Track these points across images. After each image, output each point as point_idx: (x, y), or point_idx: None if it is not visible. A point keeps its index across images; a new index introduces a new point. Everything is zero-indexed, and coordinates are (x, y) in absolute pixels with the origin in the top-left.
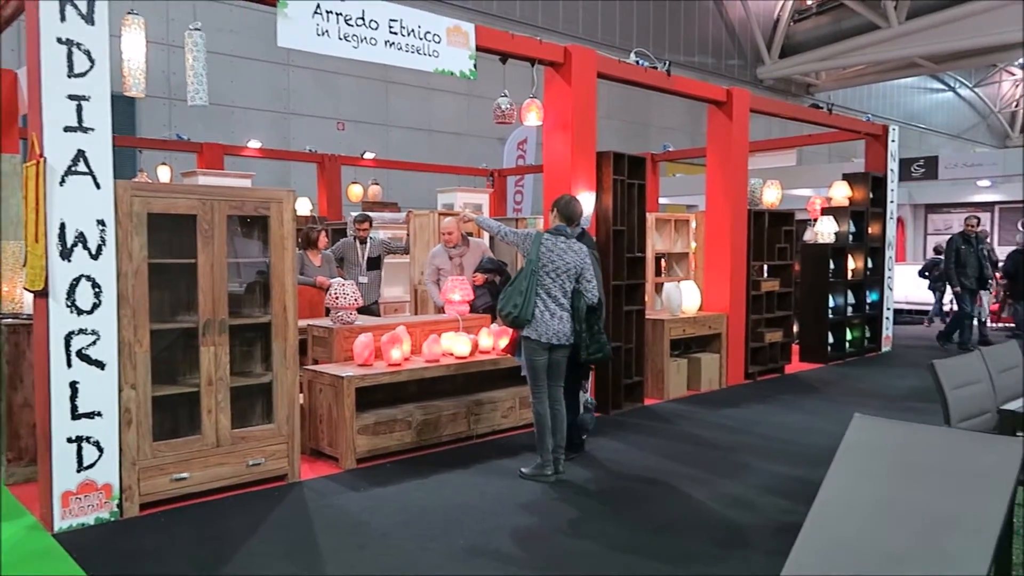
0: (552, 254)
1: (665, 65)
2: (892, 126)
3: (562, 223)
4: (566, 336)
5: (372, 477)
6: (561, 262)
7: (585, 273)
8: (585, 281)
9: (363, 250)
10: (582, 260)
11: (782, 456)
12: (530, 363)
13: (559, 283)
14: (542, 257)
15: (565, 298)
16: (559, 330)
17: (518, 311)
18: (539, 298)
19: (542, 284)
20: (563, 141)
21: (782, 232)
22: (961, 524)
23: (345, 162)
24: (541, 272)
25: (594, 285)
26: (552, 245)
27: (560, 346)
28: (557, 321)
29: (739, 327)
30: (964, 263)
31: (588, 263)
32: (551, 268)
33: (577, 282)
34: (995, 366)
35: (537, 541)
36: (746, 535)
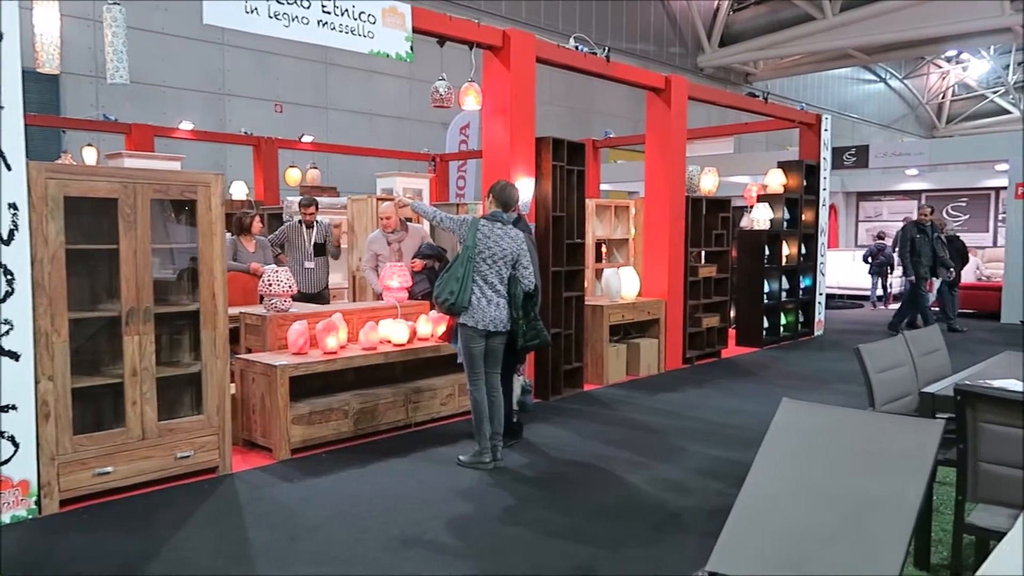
0: (489, 240)
1: (604, 51)
2: (825, 115)
3: (498, 209)
4: (503, 323)
5: (307, 468)
6: (498, 248)
7: (522, 259)
8: (522, 268)
9: (309, 235)
10: (519, 246)
11: (717, 439)
12: (467, 350)
13: (496, 269)
14: (479, 243)
15: (502, 284)
16: (496, 317)
17: (455, 298)
18: (476, 285)
19: (479, 271)
20: (502, 126)
21: (719, 218)
22: (882, 504)
23: (282, 145)
24: (478, 259)
25: (531, 271)
26: (489, 231)
27: (497, 333)
28: (494, 308)
29: (677, 312)
30: (919, 251)
31: (525, 249)
32: (488, 255)
33: (514, 268)
34: (918, 350)
35: (472, 529)
36: (681, 518)
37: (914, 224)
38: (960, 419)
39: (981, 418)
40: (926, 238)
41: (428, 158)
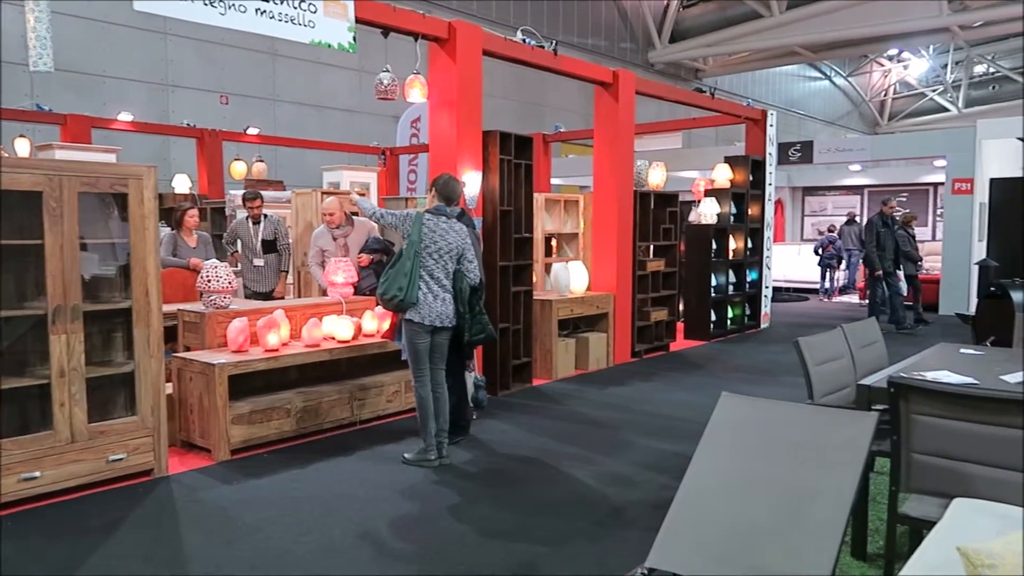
0: (434, 235)
1: (552, 45)
2: (770, 111)
3: (442, 203)
4: (449, 318)
5: (247, 469)
6: (444, 243)
7: (467, 254)
8: (467, 262)
9: (256, 230)
10: (463, 240)
11: (663, 432)
12: (412, 346)
13: (442, 264)
14: (424, 238)
15: (447, 279)
16: (442, 312)
17: (403, 294)
18: (422, 280)
19: (424, 266)
20: (448, 119)
21: (667, 213)
22: (818, 496)
23: (227, 137)
24: (424, 253)
25: (475, 266)
26: (434, 226)
27: (443, 328)
28: (440, 303)
29: (626, 306)
30: (883, 246)
31: (469, 243)
32: (433, 249)
33: (459, 263)
34: (856, 342)
35: (415, 528)
36: (625, 512)
37: (879, 217)
38: (893, 411)
39: (913, 410)
40: (889, 232)
41: (378, 152)
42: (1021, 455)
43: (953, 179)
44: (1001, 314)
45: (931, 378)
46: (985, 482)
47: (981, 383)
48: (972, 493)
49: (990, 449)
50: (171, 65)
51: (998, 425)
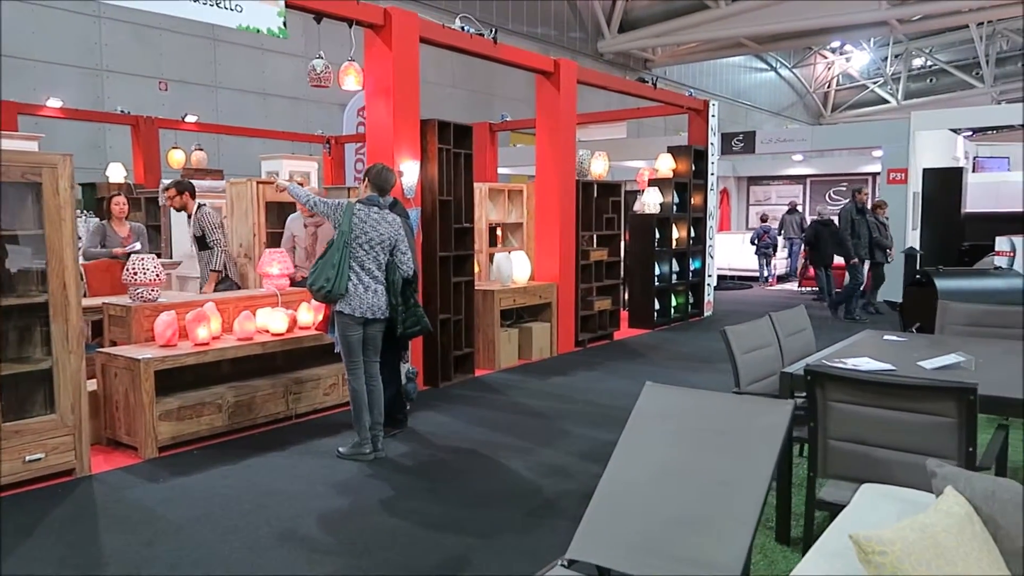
0: (366, 225)
1: (491, 33)
2: (712, 101)
3: (374, 193)
4: (381, 310)
5: (175, 466)
6: (375, 233)
7: (400, 245)
8: (400, 253)
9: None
10: (396, 231)
11: (602, 421)
12: (344, 339)
13: (373, 255)
14: (355, 228)
15: (380, 271)
16: (374, 304)
17: (331, 285)
18: (353, 272)
19: (355, 257)
20: (384, 107)
21: (610, 202)
22: (736, 483)
23: (164, 125)
24: (354, 244)
25: (409, 257)
26: (365, 216)
27: (375, 320)
28: (372, 295)
29: (569, 296)
30: (858, 233)
31: (403, 234)
32: (365, 240)
33: (391, 254)
34: (784, 330)
35: (346, 523)
36: (559, 503)
37: (853, 205)
38: (810, 398)
39: (829, 397)
40: (863, 220)
41: (322, 140)
42: (928, 439)
43: (888, 169)
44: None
45: (851, 365)
46: (896, 467)
47: (899, 369)
48: (885, 478)
49: (900, 434)
50: (106, 49)
51: (906, 411)
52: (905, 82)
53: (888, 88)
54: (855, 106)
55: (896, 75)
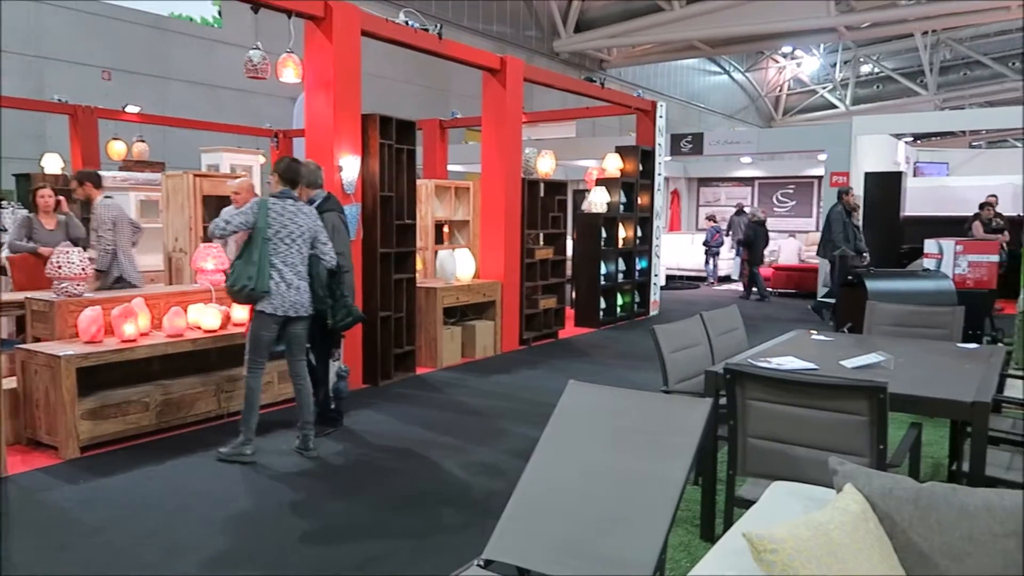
0: (283, 219)
1: (436, 28)
2: (660, 102)
3: (286, 187)
4: (304, 307)
5: (97, 467)
6: (294, 226)
7: (319, 236)
8: (320, 244)
9: None
10: (314, 223)
11: (540, 420)
12: (256, 336)
13: (296, 249)
14: (272, 223)
15: (303, 266)
16: (297, 301)
17: (253, 283)
18: (274, 269)
19: (277, 252)
20: (325, 101)
21: (556, 201)
22: (653, 481)
23: (104, 115)
24: (275, 239)
25: (330, 247)
26: (281, 210)
27: (298, 318)
28: (295, 292)
29: (514, 294)
30: (847, 237)
31: (321, 226)
32: (285, 234)
33: (312, 247)
34: (715, 330)
35: (270, 524)
36: (490, 502)
37: (842, 207)
38: (730, 396)
39: (748, 395)
40: (850, 221)
41: (270, 134)
42: (842, 437)
43: (832, 172)
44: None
45: (775, 364)
46: (812, 465)
47: (821, 368)
48: (800, 476)
49: (815, 432)
50: (46, 36)
51: (821, 409)
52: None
53: (837, 93)
54: (805, 110)
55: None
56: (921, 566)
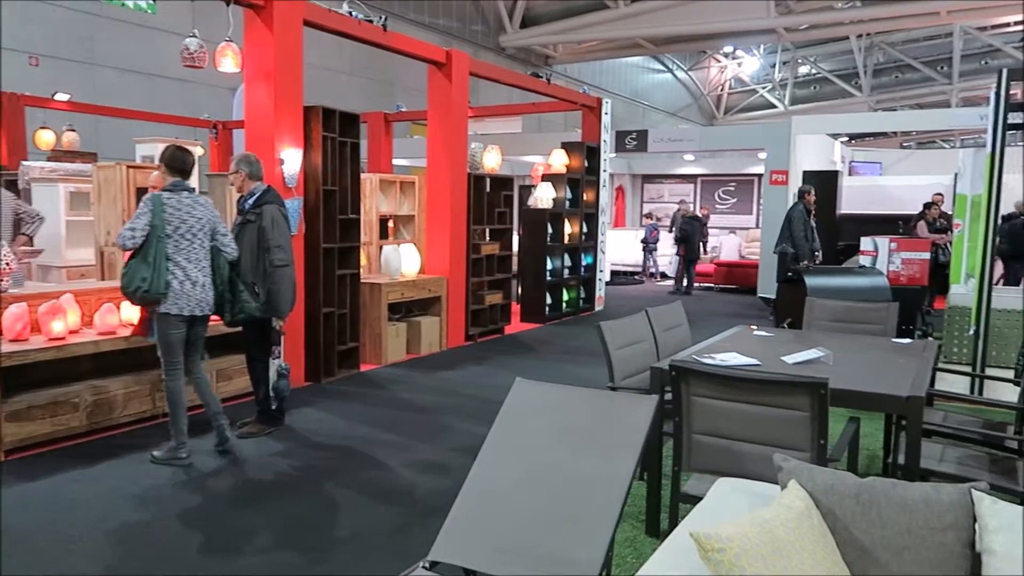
0: (181, 213)
1: (381, 20)
2: (605, 99)
3: (177, 178)
4: (209, 305)
5: (22, 471)
6: (194, 220)
7: (219, 228)
8: (220, 236)
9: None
10: (212, 214)
11: (486, 416)
12: (167, 339)
13: (198, 244)
14: (170, 220)
15: (207, 260)
16: (202, 299)
17: (148, 285)
18: (178, 267)
19: (179, 250)
20: (265, 92)
21: (502, 196)
22: (600, 479)
23: (31, 103)
24: (176, 236)
25: (231, 239)
26: (177, 203)
27: (202, 317)
28: (200, 290)
29: (459, 290)
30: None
31: (219, 217)
32: (185, 230)
33: (212, 239)
34: (659, 326)
35: (205, 526)
36: (436, 501)
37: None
38: (675, 393)
39: (693, 392)
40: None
41: (209, 124)
42: (784, 433)
43: (771, 171)
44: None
45: (719, 360)
46: (755, 460)
47: (763, 364)
48: (744, 472)
49: (758, 428)
50: None
51: (764, 405)
52: (792, 88)
53: (776, 93)
54: (746, 109)
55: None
56: (863, 561)
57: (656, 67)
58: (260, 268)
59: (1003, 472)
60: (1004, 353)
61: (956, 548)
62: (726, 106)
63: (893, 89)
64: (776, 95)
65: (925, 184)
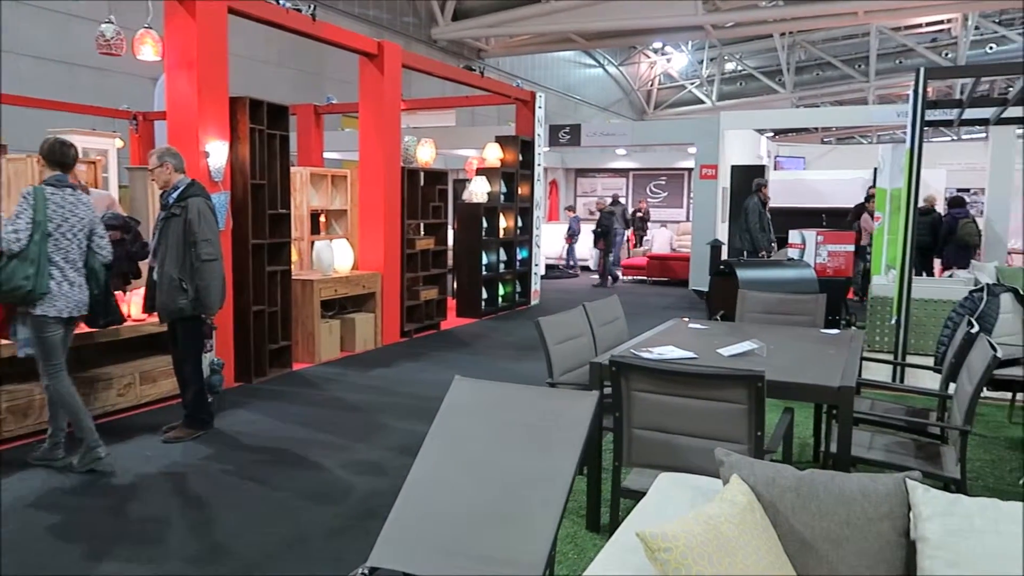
0: (63, 211)
1: (310, 9)
2: (539, 93)
3: (56, 172)
4: (85, 305)
5: None
6: (75, 219)
7: (97, 229)
8: (97, 237)
9: None
10: (92, 214)
11: (422, 414)
12: (45, 341)
13: (76, 243)
14: (53, 217)
15: (82, 261)
16: (80, 300)
17: (31, 284)
18: (56, 267)
19: (58, 248)
20: (188, 82)
21: (436, 191)
22: (541, 476)
23: None
24: (56, 234)
25: (107, 241)
26: (61, 200)
27: (77, 318)
28: (77, 290)
29: (394, 285)
30: (765, 227)
31: (98, 217)
32: (66, 228)
33: (90, 240)
34: (597, 320)
35: (127, 536)
36: (374, 502)
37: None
38: (615, 388)
39: (632, 387)
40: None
41: (129, 116)
42: (723, 426)
43: (701, 165)
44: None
45: (656, 353)
46: (695, 454)
47: (700, 357)
48: (685, 466)
49: (697, 422)
50: None
51: (702, 399)
52: (719, 84)
53: (704, 89)
54: (675, 105)
55: (711, 77)
56: (803, 553)
57: (588, 62)
58: (187, 263)
59: (927, 458)
60: (923, 341)
61: (892, 537)
62: (656, 101)
63: (814, 86)
64: (704, 91)
65: (847, 178)
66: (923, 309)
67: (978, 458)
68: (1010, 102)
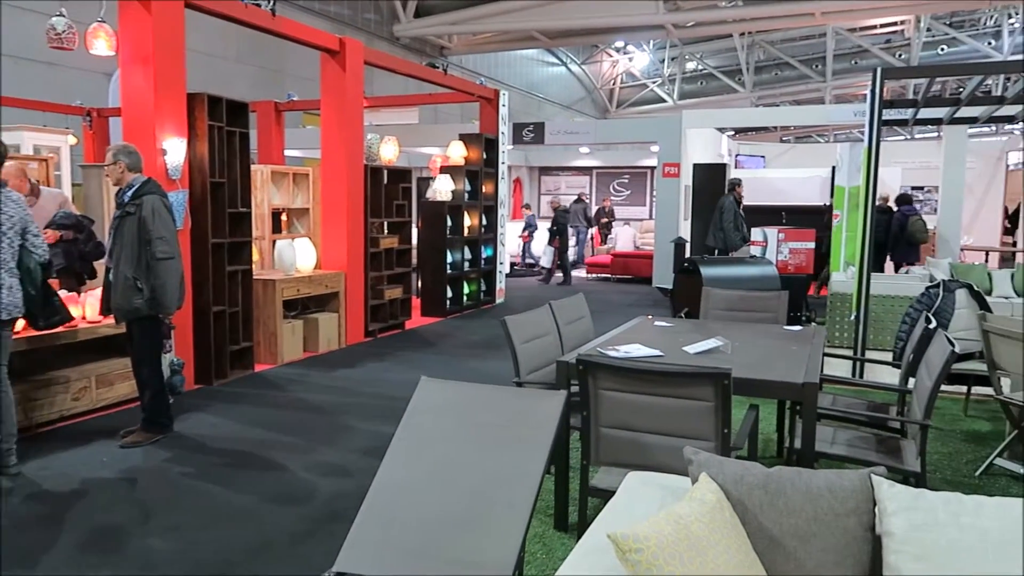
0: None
1: (269, 4)
2: (503, 91)
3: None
4: (20, 308)
5: None
6: (4, 218)
7: (30, 228)
8: (31, 236)
9: None
10: (24, 212)
11: (388, 415)
12: None
13: (7, 243)
14: None
15: (14, 262)
16: (12, 303)
17: None
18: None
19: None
20: (144, 77)
21: (400, 189)
22: (509, 477)
23: None
24: None
25: (42, 240)
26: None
27: (13, 320)
28: (9, 292)
29: (358, 285)
30: (739, 226)
31: (31, 216)
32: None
33: (23, 238)
34: (563, 319)
35: (90, 544)
36: (339, 505)
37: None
38: (582, 387)
39: (599, 385)
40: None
41: (82, 112)
42: (690, 424)
43: (664, 163)
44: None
45: (623, 352)
46: (663, 452)
47: (666, 355)
48: (653, 464)
49: (664, 420)
50: None
51: (669, 396)
52: (680, 83)
53: (665, 88)
54: (637, 103)
55: (672, 76)
56: (772, 549)
57: (551, 60)
58: (142, 262)
59: (888, 452)
60: (881, 337)
61: (859, 532)
62: (618, 100)
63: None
64: (665, 90)
65: (806, 176)
66: (881, 305)
67: (936, 451)
68: (963, 102)
